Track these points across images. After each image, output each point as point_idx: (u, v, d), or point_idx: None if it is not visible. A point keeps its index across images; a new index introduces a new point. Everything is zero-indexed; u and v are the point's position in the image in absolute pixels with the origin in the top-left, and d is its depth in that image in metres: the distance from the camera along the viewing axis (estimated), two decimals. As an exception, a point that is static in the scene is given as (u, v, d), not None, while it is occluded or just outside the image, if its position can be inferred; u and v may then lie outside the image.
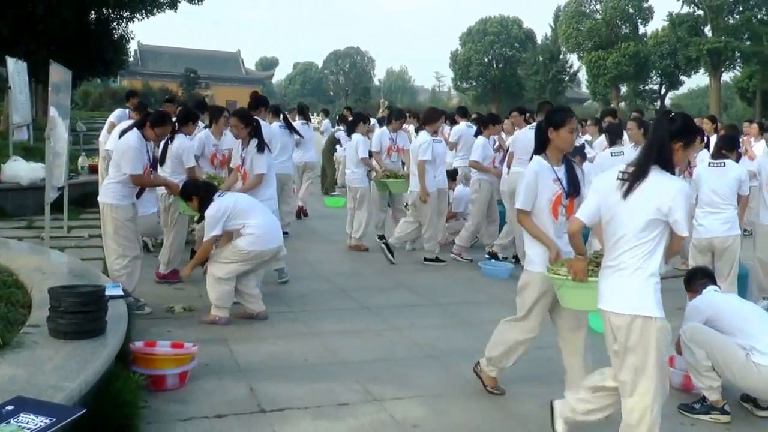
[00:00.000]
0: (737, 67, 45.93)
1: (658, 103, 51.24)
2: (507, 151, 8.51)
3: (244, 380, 4.54)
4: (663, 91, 51.55)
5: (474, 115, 12.45)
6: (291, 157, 9.52)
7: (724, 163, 6.40)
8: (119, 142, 5.94)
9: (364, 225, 8.96)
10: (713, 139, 8.55)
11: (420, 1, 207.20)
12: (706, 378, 4.30)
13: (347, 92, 76.39)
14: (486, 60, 57.94)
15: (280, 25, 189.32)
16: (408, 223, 8.42)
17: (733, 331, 4.30)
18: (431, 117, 8.38)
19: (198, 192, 5.85)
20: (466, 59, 57.60)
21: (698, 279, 4.89)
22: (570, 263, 3.76)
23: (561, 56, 53.60)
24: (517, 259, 8.23)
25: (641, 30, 48.10)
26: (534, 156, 4.31)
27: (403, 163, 9.32)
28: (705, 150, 8.16)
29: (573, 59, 52.78)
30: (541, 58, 53.80)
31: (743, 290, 6.60)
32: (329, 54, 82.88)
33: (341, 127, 13.98)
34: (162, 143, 6.93)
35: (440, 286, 7.47)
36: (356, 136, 9.17)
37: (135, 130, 5.90)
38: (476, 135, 9.14)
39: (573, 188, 4.23)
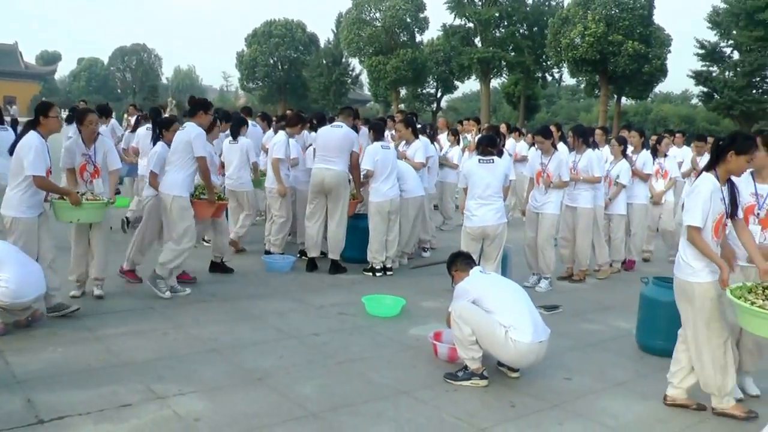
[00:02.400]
0: (504, 75, 50.06)
1: (435, 105, 54.43)
2: (309, 147, 8.91)
3: (20, 392, 4.36)
4: (439, 94, 54.84)
5: (259, 114, 12.65)
6: None
7: (493, 159, 7.10)
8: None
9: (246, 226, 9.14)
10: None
11: (206, 1, 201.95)
12: (470, 350, 4.85)
13: (135, 90, 72.71)
14: (272, 61, 58.00)
15: (62, 17, 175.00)
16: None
17: (495, 309, 4.85)
18: (293, 121, 9.04)
19: None
20: (252, 60, 57.28)
21: (462, 260, 5.38)
22: None
23: (344, 60, 55.12)
24: (302, 253, 8.55)
25: (418, 38, 50.69)
26: (705, 173, 4.48)
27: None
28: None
29: (355, 63, 54.50)
30: (324, 61, 54.95)
31: (504, 270, 7.36)
32: (115, 50, 78.25)
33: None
34: None
35: (224, 281, 7.58)
36: (243, 140, 8.97)
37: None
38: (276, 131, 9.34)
39: (733, 208, 4.48)
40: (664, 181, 9.74)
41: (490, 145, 7.24)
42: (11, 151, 5.95)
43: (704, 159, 10.15)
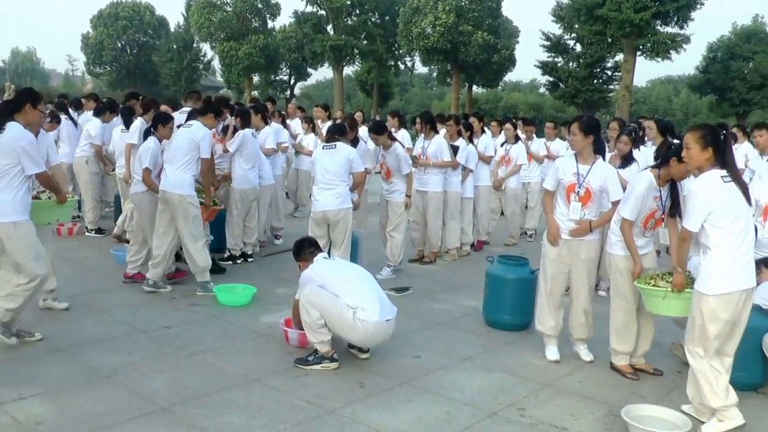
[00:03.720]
0: (357, 63, 50.47)
1: (289, 92, 54.06)
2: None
3: None
4: (293, 81, 54.52)
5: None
6: None
7: (335, 145, 7.14)
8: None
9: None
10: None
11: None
12: (319, 334, 4.93)
13: (-33, 73, 66.87)
14: (119, 45, 55.22)
15: None
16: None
17: (342, 292, 4.94)
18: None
19: None
20: (99, 43, 54.27)
21: (307, 249, 5.44)
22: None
23: (195, 45, 53.49)
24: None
25: (270, 24, 50.08)
26: (647, 171, 4.93)
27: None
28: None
29: (207, 48, 53.03)
30: (175, 46, 53.08)
31: (355, 256, 7.42)
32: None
33: None
34: None
35: (73, 277, 7.20)
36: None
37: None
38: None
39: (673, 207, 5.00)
40: (505, 168, 10.23)
41: (337, 133, 7.31)
42: None
43: (536, 143, 10.79)
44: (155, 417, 4.10)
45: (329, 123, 11.49)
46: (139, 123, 8.16)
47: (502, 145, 10.33)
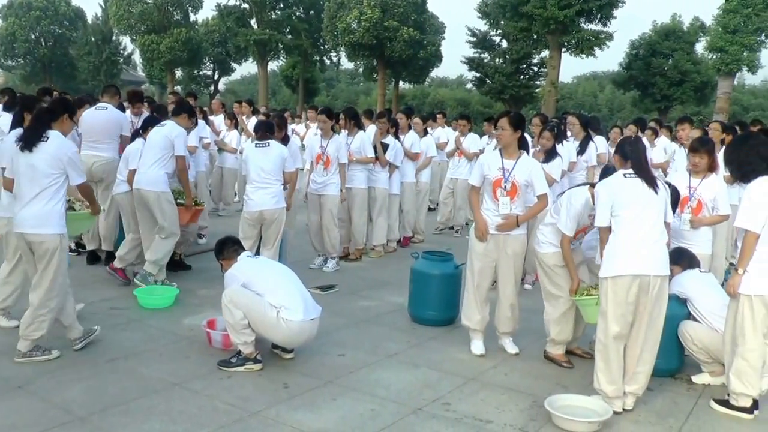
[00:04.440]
0: (282, 58, 49.94)
1: (213, 88, 53.10)
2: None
3: None
4: (216, 76, 53.56)
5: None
6: None
7: (269, 143, 7.07)
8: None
9: None
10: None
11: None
12: (243, 334, 4.86)
13: None
14: (33, 37, 53.03)
15: None
16: None
17: (265, 291, 4.88)
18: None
19: None
20: (10, 35, 51.93)
21: (230, 247, 5.32)
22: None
23: (114, 38, 51.84)
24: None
25: (192, 17, 48.91)
26: (582, 188, 5.23)
27: None
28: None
29: (127, 41, 51.49)
30: (93, 39, 51.32)
31: (282, 253, 7.34)
32: None
33: None
34: None
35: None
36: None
37: None
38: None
39: None
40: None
41: (269, 131, 7.23)
42: None
43: (469, 138, 10.94)
44: (71, 427, 3.96)
45: (254, 119, 11.37)
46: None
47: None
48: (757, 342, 4.44)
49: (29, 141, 4.87)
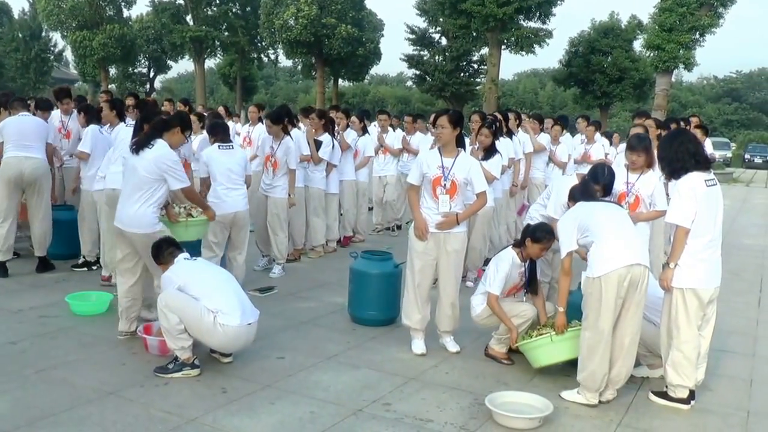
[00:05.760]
0: (219, 55, 49.23)
1: (148, 86, 52.00)
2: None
3: None
4: (152, 74, 52.47)
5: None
6: None
7: (232, 146, 7.02)
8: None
9: None
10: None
11: None
12: (179, 339, 4.75)
13: None
14: (-45, 33, 51.09)
15: None
16: None
17: (202, 295, 4.78)
18: None
19: None
20: (-71, 31, 49.94)
21: (166, 250, 5.14)
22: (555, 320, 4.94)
23: (44, 34, 50.19)
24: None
25: (126, 13, 47.70)
26: (510, 249, 5.40)
27: None
28: None
29: (57, 38, 49.92)
30: (21, 35, 49.60)
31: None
32: None
33: None
34: None
35: None
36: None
37: None
38: None
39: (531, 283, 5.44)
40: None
41: (220, 133, 7.09)
42: None
43: (391, 134, 10.97)
44: (-3, 442, 3.82)
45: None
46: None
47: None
48: (692, 334, 4.58)
49: (138, 146, 5.36)
